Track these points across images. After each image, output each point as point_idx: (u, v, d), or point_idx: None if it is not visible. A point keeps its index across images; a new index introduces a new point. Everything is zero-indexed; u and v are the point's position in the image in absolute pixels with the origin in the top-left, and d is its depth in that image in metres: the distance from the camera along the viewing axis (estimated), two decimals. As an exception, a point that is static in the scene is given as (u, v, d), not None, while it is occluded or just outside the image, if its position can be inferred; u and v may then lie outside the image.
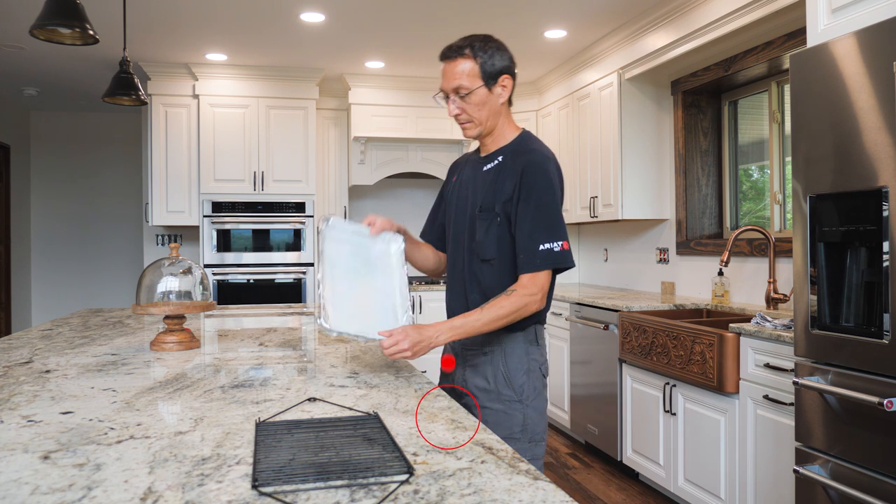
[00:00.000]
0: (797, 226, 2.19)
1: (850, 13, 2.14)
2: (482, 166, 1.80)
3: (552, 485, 0.93)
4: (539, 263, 1.64)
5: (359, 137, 5.23)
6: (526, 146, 1.75)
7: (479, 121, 1.74)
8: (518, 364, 1.72)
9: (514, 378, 1.72)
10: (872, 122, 1.92)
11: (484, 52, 1.70)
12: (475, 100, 1.71)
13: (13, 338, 2.33)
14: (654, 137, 4.33)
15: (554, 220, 1.66)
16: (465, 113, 1.73)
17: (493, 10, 3.81)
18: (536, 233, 1.65)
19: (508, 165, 1.72)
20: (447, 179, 1.97)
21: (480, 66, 1.70)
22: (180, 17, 3.96)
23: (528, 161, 1.69)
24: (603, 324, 3.77)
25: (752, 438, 2.68)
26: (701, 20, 3.46)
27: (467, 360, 1.78)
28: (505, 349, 1.73)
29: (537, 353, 1.76)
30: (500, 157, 1.76)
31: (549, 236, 1.64)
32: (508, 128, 1.80)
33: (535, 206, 1.65)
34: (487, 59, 1.70)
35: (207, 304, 2.18)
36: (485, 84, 1.70)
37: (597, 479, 3.64)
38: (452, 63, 1.71)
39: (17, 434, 1.17)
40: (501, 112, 1.77)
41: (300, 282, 5.06)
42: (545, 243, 1.64)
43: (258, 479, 0.91)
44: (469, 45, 1.70)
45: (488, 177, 1.76)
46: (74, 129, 6.75)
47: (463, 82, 1.69)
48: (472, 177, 1.82)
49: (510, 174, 1.70)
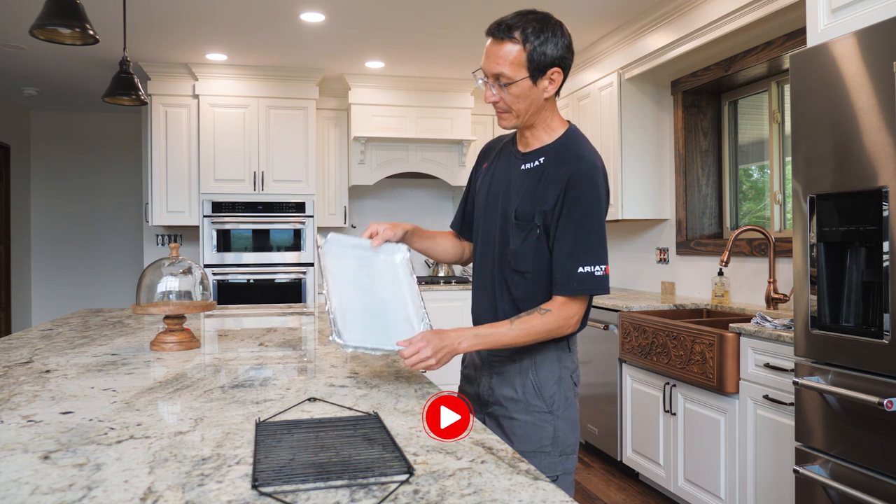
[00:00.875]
0: (797, 226, 2.19)
1: (850, 13, 2.14)
2: (520, 164, 1.61)
3: (552, 485, 0.93)
4: (577, 287, 1.51)
5: (359, 137, 5.23)
6: (573, 151, 1.56)
7: (517, 112, 1.55)
8: (549, 373, 1.60)
9: (544, 388, 1.59)
10: (872, 122, 1.92)
11: (537, 37, 1.48)
12: (516, 91, 1.51)
13: (13, 338, 2.33)
14: (654, 137, 4.33)
15: (597, 241, 1.51)
16: (503, 102, 1.54)
17: (493, 10, 3.81)
18: (578, 253, 1.50)
19: (552, 171, 1.54)
20: (476, 165, 1.79)
21: (528, 55, 1.48)
22: (180, 17, 3.96)
23: (576, 170, 1.51)
24: (603, 324, 3.77)
25: (752, 438, 2.68)
26: (701, 20, 3.46)
27: (493, 368, 1.65)
28: (535, 357, 1.60)
29: (569, 360, 1.63)
30: (542, 157, 1.58)
31: (591, 259, 1.50)
32: (552, 122, 1.60)
33: (577, 224, 1.50)
34: (538, 47, 1.48)
35: (207, 304, 2.18)
36: (530, 76, 1.50)
37: (597, 479, 3.64)
38: (498, 45, 1.49)
39: (17, 434, 1.17)
40: (545, 107, 1.57)
41: (300, 282, 5.06)
42: (585, 265, 1.50)
43: (258, 479, 0.91)
44: (521, 26, 1.48)
45: (527, 179, 1.58)
46: (74, 129, 6.75)
47: (505, 70, 1.49)
48: (506, 173, 1.65)
49: (553, 182, 1.53)
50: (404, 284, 1.64)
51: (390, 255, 1.68)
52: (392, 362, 1.86)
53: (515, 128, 1.62)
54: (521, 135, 1.66)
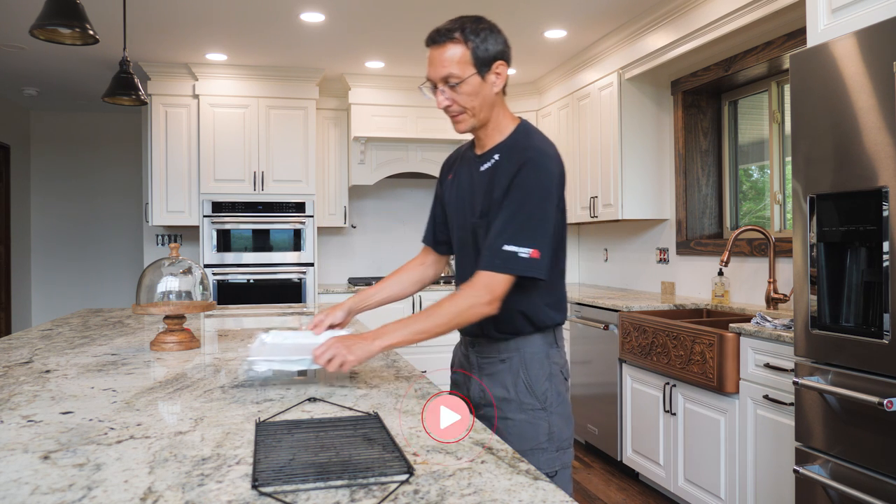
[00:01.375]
0: (797, 226, 2.19)
1: (850, 13, 2.14)
2: (479, 166, 1.64)
3: (552, 485, 0.93)
4: (498, 264, 1.47)
5: (359, 137, 5.23)
6: (523, 142, 1.59)
7: (472, 111, 1.56)
8: (539, 370, 1.60)
9: (535, 385, 1.59)
10: (872, 122, 1.92)
11: (476, 35, 1.53)
12: (467, 89, 1.53)
13: (13, 338, 2.33)
14: (654, 137, 4.33)
15: (532, 223, 1.49)
16: (456, 104, 1.55)
17: (493, 10, 3.80)
18: (507, 231, 1.49)
19: (504, 165, 1.57)
20: (441, 178, 1.83)
21: (472, 52, 1.52)
22: (180, 17, 3.96)
23: (525, 158, 1.53)
24: (603, 324, 3.77)
25: (752, 438, 2.68)
26: (701, 20, 3.46)
27: (483, 370, 1.65)
28: (524, 355, 1.61)
29: (558, 355, 1.64)
30: (497, 155, 1.60)
31: (520, 239, 1.48)
32: (504, 119, 1.63)
33: (516, 205, 1.50)
34: (480, 44, 1.53)
35: (207, 304, 2.18)
36: (477, 72, 1.53)
37: (597, 479, 3.64)
38: (441, 49, 1.53)
39: (17, 434, 1.17)
40: (496, 102, 1.60)
41: (300, 282, 5.06)
42: (511, 245, 1.48)
43: (258, 479, 0.91)
44: (459, 27, 1.53)
45: (485, 179, 1.61)
46: (74, 129, 6.75)
47: (453, 70, 1.52)
48: (468, 178, 1.68)
49: (505, 174, 1.55)
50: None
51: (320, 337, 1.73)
52: (392, 362, 1.87)
53: (472, 129, 1.62)
54: (477, 138, 1.68)
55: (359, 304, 1.82)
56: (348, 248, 5.84)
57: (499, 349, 1.63)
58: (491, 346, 1.65)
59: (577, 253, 5.59)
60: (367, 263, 5.86)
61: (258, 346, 1.63)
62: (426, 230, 1.91)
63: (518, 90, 5.48)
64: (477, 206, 1.62)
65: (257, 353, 1.53)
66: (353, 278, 5.66)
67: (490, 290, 1.48)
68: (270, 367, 1.45)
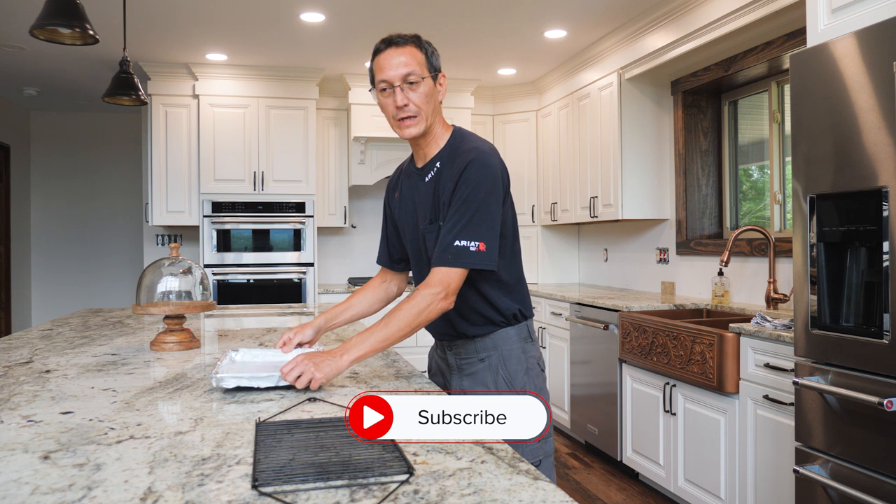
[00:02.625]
0: (797, 226, 2.19)
1: (850, 13, 2.14)
2: (422, 178, 1.70)
3: (552, 485, 0.93)
4: (450, 259, 1.53)
5: (359, 137, 5.23)
6: (461, 146, 1.65)
7: (425, 114, 1.62)
8: (517, 365, 1.68)
9: (515, 380, 1.67)
10: (872, 122, 1.92)
11: (428, 46, 1.65)
12: (424, 90, 1.60)
13: (13, 338, 2.33)
14: (654, 137, 4.33)
15: (478, 217, 1.54)
16: (412, 104, 1.60)
17: (493, 10, 3.81)
18: (456, 227, 1.54)
19: (446, 172, 1.63)
20: (388, 198, 1.88)
21: (427, 58, 1.62)
22: (180, 17, 3.96)
23: (466, 161, 1.59)
24: (603, 324, 3.77)
25: (752, 438, 2.68)
26: (701, 20, 3.46)
27: (463, 371, 1.72)
28: (501, 352, 1.68)
29: (533, 348, 1.72)
30: (438, 163, 1.67)
31: (468, 233, 1.54)
32: (442, 128, 1.70)
33: (462, 202, 1.55)
34: (431, 53, 1.64)
35: (207, 304, 2.18)
36: (431, 76, 1.62)
37: (597, 479, 3.64)
38: (401, 50, 1.59)
39: (17, 434, 1.17)
40: (438, 111, 1.68)
41: (300, 282, 5.07)
42: (460, 240, 1.53)
43: (258, 479, 0.91)
44: (413, 36, 1.63)
45: (429, 188, 1.67)
46: (74, 129, 6.75)
47: (415, 68, 1.58)
48: (413, 191, 1.74)
49: (449, 179, 1.61)
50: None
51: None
52: (392, 362, 1.87)
53: (419, 133, 1.65)
54: (416, 147, 1.72)
55: (328, 322, 1.84)
56: (348, 248, 5.84)
57: (476, 348, 1.69)
58: (468, 345, 1.70)
59: (577, 253, 5.59)
60: (367, 263, 5.86)
61: (227, 364, 1.64)
62: (380, 252, 1.96)
63: (518, 90, 5.48)
64: (426, 214, 1.67)
65: (226, 371, 1.54)
66: (352, 278, 5.66)
67: (444, 284, 1.53)
68: (239, 384, 1.46)
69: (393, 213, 1.86)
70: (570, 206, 4.87)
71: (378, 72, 1.62)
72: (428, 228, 1.66)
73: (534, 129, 5.45)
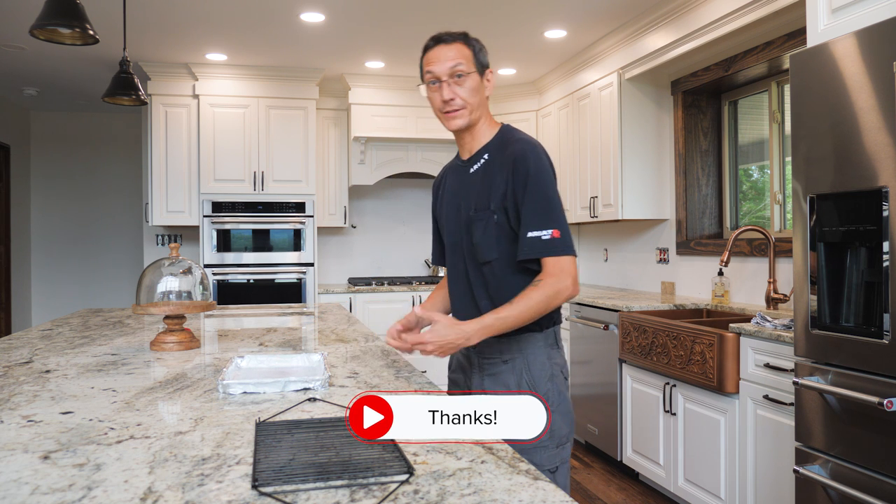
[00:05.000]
0: (797, 226, 2.19)
1: (850, 13, 2.14)
2: (468, 169, 1.74)
3: (552, 485, 0.93)
4: (558, 249, 1.58)
5: (359, 137, 5.22)
6: (511, 137, 1.70)
7: (471, 107, 1.67)
8: (541, 371, 1.65)
9: (538, 386, 1.64)
10: (872, 122, 1.92)
11: (476, 42, 1.71)
12: (471, 84, 1.66)
13: (13, 338, 2.33)
14: (654, 137, 4.33)
15: (545, 206, 1.60)
16: (458, 98, 1.66)
17: (494, 9, 3.81)
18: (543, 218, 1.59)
19: (497, 161, 1.67)
20: (434, 196, 1.91)
21: (475, 54, 1.69)
22: (180, 17, 3.96)
23: (517, 150, 1.63)
24: (603, 324, 3.77)
25: (752, 438, 2.68)
26: (701, 20, 3.46)
27: (485, 370, 1.69)
28: (526, 356, 1.65)
29: (558, 356, 1.70)
30: (486, 154, 1.71)
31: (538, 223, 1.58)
32: (490, 124, 1.75)
33: (530, 194, 1.60)
34: (479, 50, 1.70)
35: (207, 304, 2.18)
36: (478, 71, 1.68)
37: (597, 479, 3.64)
38: (448, 46, 1.67)
39: (17, 434, 1.17)
40: (485, 106, 1.73)
41: (300, 282, 5.06)
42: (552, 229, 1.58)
43: (258, 479, 0.91)
44: (463, 34, 1.70)
45: (477, 178, 1.70)
46: (74, 129, 6.75)
47: (461, 63, 1.65)
48: (458, 183, 1.77)
49: (500, 168, 1.65)
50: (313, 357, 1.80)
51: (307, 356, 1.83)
52: (392, 362, 1.87)
53: (464, 126, 1.70)
54: (462, 141, 1.77)
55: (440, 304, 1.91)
56: (348, 248, 5.84)
57: (501, 349, 1.66)
58: (493, 345, 1.66)
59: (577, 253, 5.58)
60: (367, 263, 5.86)
61: (233, 371, 1.65)
62: (433, 252, 1.99)
63: (518, 90, 5.48)
64: (471, 202, 1.70)
65: (232, 377, 1.55)
66: (353, 278, 5.66)
67: (568, 272, 1.58)
68: (245, 389, 1.47)
69: (436, 210, 1.89)
70: (570, 206, 4.87)
71: (426, 67, 1.69)
72: (476, 216, 1.67)
73: (534, 129, 5.45)
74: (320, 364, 1.72)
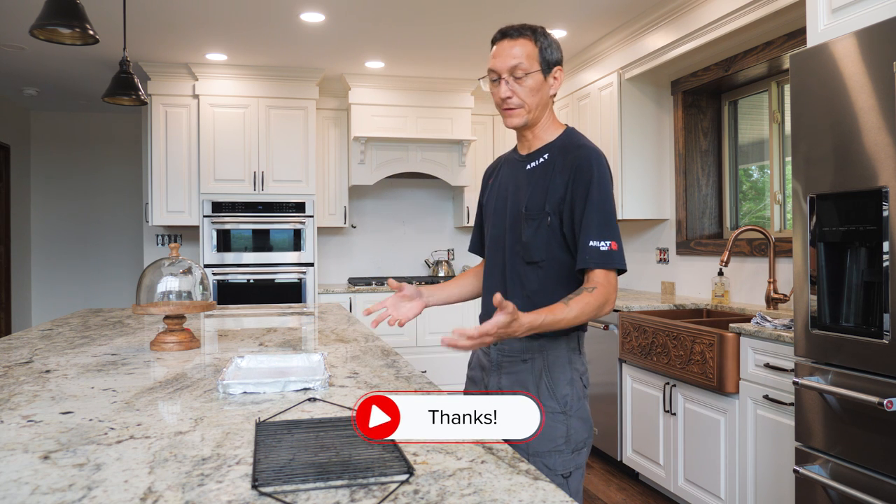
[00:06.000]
0: (797, 226, 2.19)
1: (850, 13, 2.14)
2: (525, 165, 1.70)
3: (552, 485, 0.93)
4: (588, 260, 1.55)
5: (359, 137, 5.22)
6: (575, 142, 1.66)
7: (529, 107, 1.63)
8: (561, 375, 1.62)
9: (557, 389, 1.61)
10: (872, 122, 1.92)
11: (545, 38, 1.64)
12: (531, 83, 1.61)
13: (13, 338, 2.33)
14: (654, 137, 4.33)
15: (603, 217, 1.57)
16: (516, 96, 1.61)
17: (493, 9, 3.80)
18: (601, 229, 1.56)
19: (558, 163, 1.62)
20: (483, 186, 1.88)
21: (541, 51, 1.62)
22: (180, 17, 3.96)
23: (580, 156, 1.60)
24: (603, 324, 3.77)
25: (752, 438, 2.68)
26: (701, 20, 3.46)
27: (504, 369, 1.67)
28: (547, 358, 1.62)
29: (580, 362, 1.67)
30: (546, 154, 1.66)
31: (595, 234, 1.56)
32: (553, 124, 1.70)
33: (589, 203, 1.57)
34: (547, 47, 1.63)
35: (207, 304, 2.18)
36: (542, 70, 1.62)
37: (597, 479, 3.64)
38: (512, 42, 1.61)
39: (17, 434, 1.17)
40: (548, 105, 1.68)
41: (300, 282, 5.06)
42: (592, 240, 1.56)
43: (258, 479, 0.91)
44: (530, 29, 1.64)
45: (534, 176, 1.66)
46: (74, 129, 6.75)
47: (522, 62, 1.60)
48: (512, 177, 1.73)
49: (560, 171, 1.61)
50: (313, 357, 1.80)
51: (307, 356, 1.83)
52: (392, 362, 1.87)
53: (523, 125, 1.66)
54: (522, 138, 1.73)
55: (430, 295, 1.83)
56: (348, 248, 5.84)
57: (523, 349, 1.64)
58: (515, 343, 1.64)
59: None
60: (367, 263, 5.86)
61: (233, 371, 1.66)
62: (472, 240, 1.94)
63: (518, 90, 5.47)
64: (523, 199, 1.66)
65: (232, 377, 1.56)
66: (353, 278, 5.66)
67: (615, 286, 1.57)
68: (245, 389, 1.47)
69: (483, 198, 1.85)
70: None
71: (490, 61, 1.65)
72: (528, 215, 1.63)
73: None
74: (320, 364, 1.73)
